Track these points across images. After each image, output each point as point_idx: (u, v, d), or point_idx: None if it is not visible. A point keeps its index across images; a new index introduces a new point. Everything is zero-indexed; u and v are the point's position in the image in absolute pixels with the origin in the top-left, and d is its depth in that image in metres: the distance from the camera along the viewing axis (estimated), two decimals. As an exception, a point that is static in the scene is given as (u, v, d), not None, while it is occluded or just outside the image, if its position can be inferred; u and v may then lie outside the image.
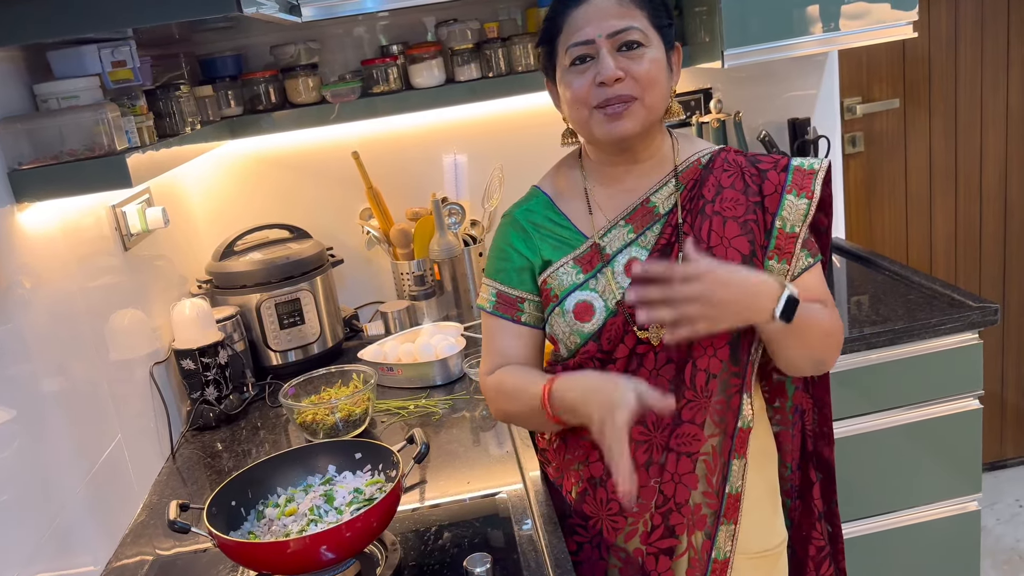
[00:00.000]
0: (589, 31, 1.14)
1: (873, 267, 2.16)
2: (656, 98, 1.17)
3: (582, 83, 1.16)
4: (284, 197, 2.24)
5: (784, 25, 1.93)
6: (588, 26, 1.14)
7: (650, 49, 1.15)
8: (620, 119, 1.15)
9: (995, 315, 1.78)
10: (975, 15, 2.59)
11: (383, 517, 1.11)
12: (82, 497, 1.28)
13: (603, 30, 1.14)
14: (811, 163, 1.22)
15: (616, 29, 1.13)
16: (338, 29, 2.17)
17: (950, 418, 1.86)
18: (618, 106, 1.14)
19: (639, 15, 1.15)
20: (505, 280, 1.28)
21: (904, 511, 1.92)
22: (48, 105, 1.31)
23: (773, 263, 1.20)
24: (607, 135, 1.17)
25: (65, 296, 1.35)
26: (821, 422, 1.37)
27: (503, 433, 1.57)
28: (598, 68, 1.14)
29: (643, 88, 1.15)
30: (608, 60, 1.13)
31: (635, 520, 1.23)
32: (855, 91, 2.60)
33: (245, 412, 1.82)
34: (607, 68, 1.13)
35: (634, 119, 1.16)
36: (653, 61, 1.15)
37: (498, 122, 2.26)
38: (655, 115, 1.19)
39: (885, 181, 2.69)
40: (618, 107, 1.15)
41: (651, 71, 1.14)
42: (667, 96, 1.20)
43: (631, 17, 1.14)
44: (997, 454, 2.98)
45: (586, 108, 1.17)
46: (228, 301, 1.95)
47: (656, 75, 1.15)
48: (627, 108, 1.15)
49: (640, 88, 1.14)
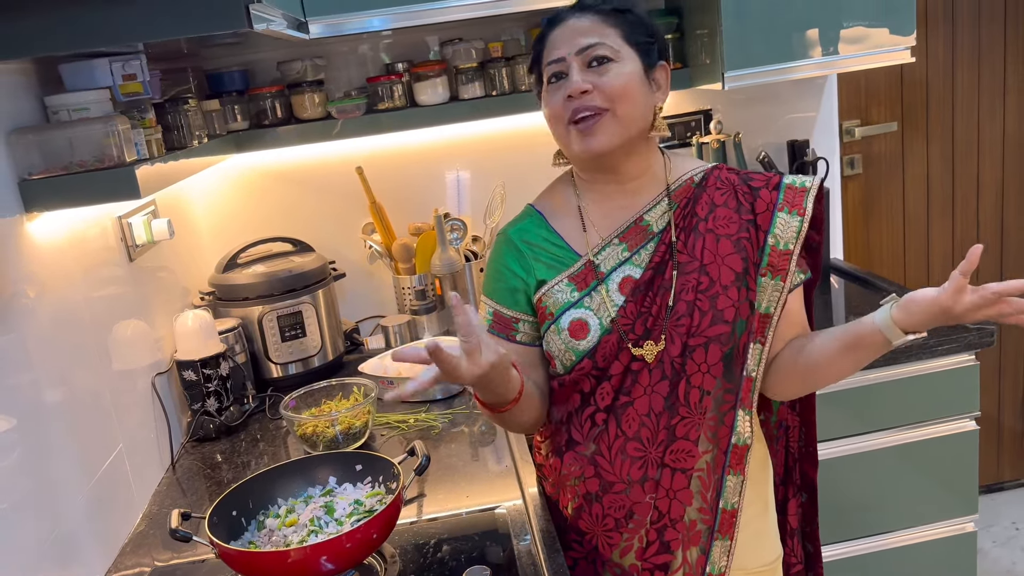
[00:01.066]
0: (561, 50, 1.18)
1: (871, 287, 2.18)
2: (629, 110, 1.18)
3: (556, 99, 1.19)
4: (288, 211, 2.26)
5: (784, 48, 1.96)
6: (561, 45, 1.19)
7: (619, 63, 1.17)
8: (592, 134, 1.17)
9: (992, 337, 1.80)
10: (972, 43, 2.63)
11: (383, 529, 1.12)
12: (83, 506, 1.28)
13: (572, 48, 1.18)
14: (802, 181, 1.24)
15: (584, 46, 1.17)
16: (344, 47, 2.20)
17: (947, 439, 1.87)
18: (589, 120, 1.17)
19: (610, 32, 1.18)
20: (500, 299, 1.30)
21: (900, 532, 1.92)
22: (59, 117, 1.33)
23: (766, 280, 1.22)
24: (583, 150, 1.19)
25: (70, 306, 1.36)
26: (807, 442, 1.39)
27: (502, 448, 1.58)
28: (568, 83, 1.17)
29: (612, 100, 1.16)
30: (575, 74, 1.17)
31: (630, 536, 1.24)
32: (854, 114, 2.63)
33: (245, 424, 1.82)
34: (572, 82, 1.17)
35: (606, 133, 1.17)
36: (622, 75, 1.17)
37: (501, 140, 2.28)
38: (630, 129, 1.19)
39: (883, 203, 2.71)
40: (589, 121, 1.17)
41: (617, 82, 1.16)
42: (645, 111, 1.21)
43: (601, 35, 1.18)
44: (994, 477, 2.99)
45: (563, 124, 1.20)
46: (230, 313, 1.96)
47: (626, 87, 1.17)
48: (597, 121, 1.17)
49: (609, 100, 1.16)
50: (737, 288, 1.21)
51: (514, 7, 1.84)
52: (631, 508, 1.23)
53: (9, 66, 1.28)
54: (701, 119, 2.35)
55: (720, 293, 1.20)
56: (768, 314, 1.23)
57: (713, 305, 1.20)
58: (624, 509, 1.23)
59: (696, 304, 1.20)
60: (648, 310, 1.21)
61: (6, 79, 1.28)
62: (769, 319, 1.23)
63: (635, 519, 1.23)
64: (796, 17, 1.94)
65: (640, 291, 1.22)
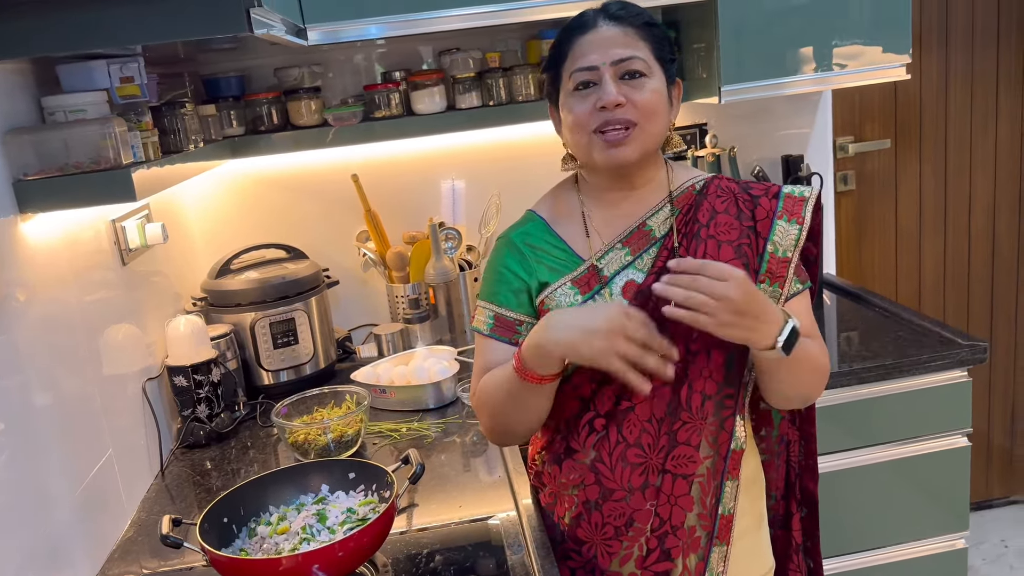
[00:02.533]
0: (594, 58, 1.17)
1: (863, 303, 2.18)
2: (655, 127, 1.19)
3: (584, 107, 1.18)
4: (282, 217, 2.25)
5: (780, 64, 1.97)
6: (593, 53, 1.17)
7: (651, 80, 1.18)
8: (620, 145, 1.18)
9: (984, 353, 1.80)
10: (966, 64, 2.65)
11: (376, 537, 1.11)
12: (72, 511, 1.27)
13: (607, 57, 1.17)
14: (801, 191, 1.25)
15: (620, 57, 1.17)
16: (341, 54, 2.20)
17: (938, 455, 1.87)
18: (619, 133, 1.17)
19: (643, 46, 1.18)
20: (504, 302, 1.28)
21: (891, 547, 1.92)
22: (55, 118, 1.32)
23: (765, 286, 1.22)
24: (607, 160, 1.19)
25: (62, 308, 1.35)
26: (807, 455, 1.39)
27: (495, 458, 1.57)
28: (600, 93, 1.17)
29: (643, 116, 1.17)
30: (610, 85, 1.16)
31: (630, 544, 1.23)
32: (848, 131, 2.65)
33: (236, 431, 1.81)
34: (609, 93, 1.16)
35: (633, 146, 1.18)
36: (654, 91, 1.18)
37: (497, 150, 2.29)
38: (654, 144, 1.21)
39: (876, 219, 2.73)
40: (619, 134, 1.17)
41: (651, 100, 1.17)
42: (666, 127, 1.23)
43: (635, 47, 1.17)
44: (984, 494, 2.99)
45: (586, 133, 1.19)
46: (222, 319, 1.95)
47: (656, 105, 1.18)
48: (627, 135, 1.17)
49: (640, 115, 1.17)
50: None
51: (511, 18, 1.84)
52: (631, 515, 1.22)
53: (6, 66, 1.27)
54: (697, 132, 2.36)
55: None
56: None
57: None
58: (624, 517, 1.23)
59: None
60: (650, 314, 1.20)
61: (2, 79, 1.27)
62: None
63: (635, 527, 1.23)
64: (792, 34, 1.96)
65: (643, 295, 1.21)
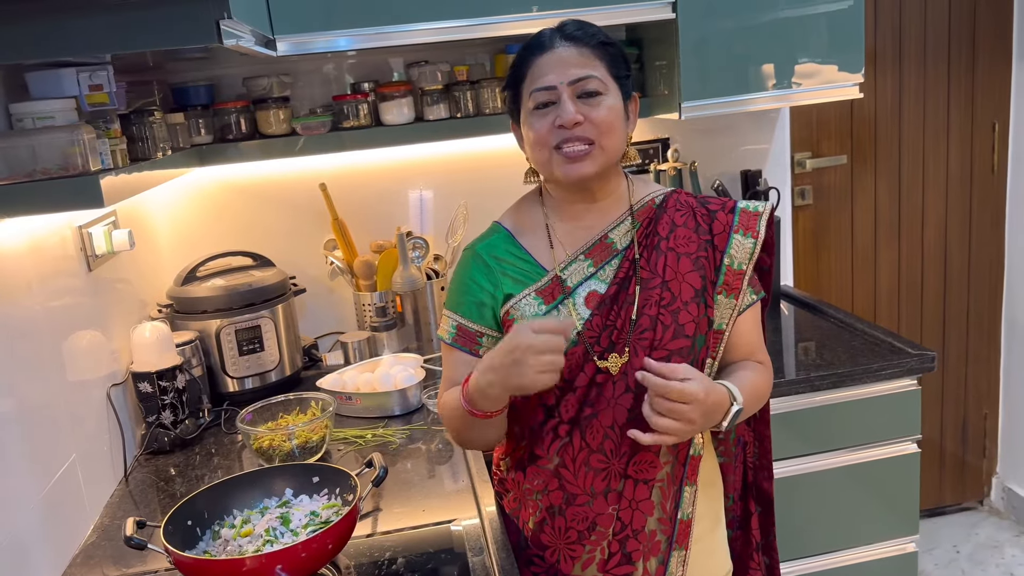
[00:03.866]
0: (551, 78, 1.21)
1: (819, 314, 2.25)
2: (612, 143, 1.23)
3: (543, 125, 1.22)
4: (249, 225, 2.27)
5: (740, 81, 2.04)
6: (551, 73, 1.21)
7: (607, 97, 1.22)
8: (579, 161, 1.22)
9: (932, 362, 1.87)
10: (918, 83, 2.75)
11: (339, 539, 1.13)
12: (34, 515, 1.27)
13: (565, 77, 1.20)
14: (755, 206, 1.30)
15: (577, 77, 1.20)
16: (310, 65, 2.22)
17: (889, 461, 1.94)
18: (578, 148, 1.21)
19: (598, 65, 1.22)
20: (465, 313, 1.32)
21: (844, 551, 1.98)
22: (23, 124, 1.33)
23: (721, 297, 1.28)
24: (567, 175, 1.23)
25: (26, 314, 1.35)
26: (761, 455, 1.44)
27: (459, 465, 1.60)
28: (559, 112, 1.20)
29: (600, 133, 1.21)
30: (568, 105, 1.20)
31: (593, 548, 1.27)
32: (805, 147, 2.72)
33: (200, 438, 1.81)
34: (567, 112, 1.20)
35: (592, 161, 1.22)
36: (610, 108, 1.22)
37: (464, 161, 2.32)
38: (612, 159, 1.25)
39: (832, 233, 2.81)
40: (578, 150, 1.21)
41: (607, 117, 1.21)
42: (623, 141, 1.27)
43: (591, 67, 1.21)
44: (936, 500, 3.07)
45: (547, 149, 1.23)
46: (188, 326, 1.95)
47: (613, 121, 1.22)
48: (586, 151, 1.21)
49: (598, 132, 1.21)
50: (697, 304, 1.26)
51: (479, 33, 1.89)
52: (594, 520, 1.26)
53: (-26, 72, 1.28)
54: (659, 147, 2.42)
55: (681, 308, 1.25)
56: (720, 330, 1.29)
57: (675, 319, 1.24)
58: (587, 521, 1.26)
59: (659, 318, 1.24)
60: (613, 323, 1.25)
61: (-30, 85, 1.28)
62: (721, 335, 1.29)
63: (598, 531, 1.26)
64: (751, 52, 2.02)
65: (605, 305, 1.26)
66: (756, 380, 1.29)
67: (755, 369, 1.31)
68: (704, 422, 1.17)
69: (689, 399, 1.12)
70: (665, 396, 1.12)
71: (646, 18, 1.96)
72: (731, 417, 1.20)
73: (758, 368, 1.32)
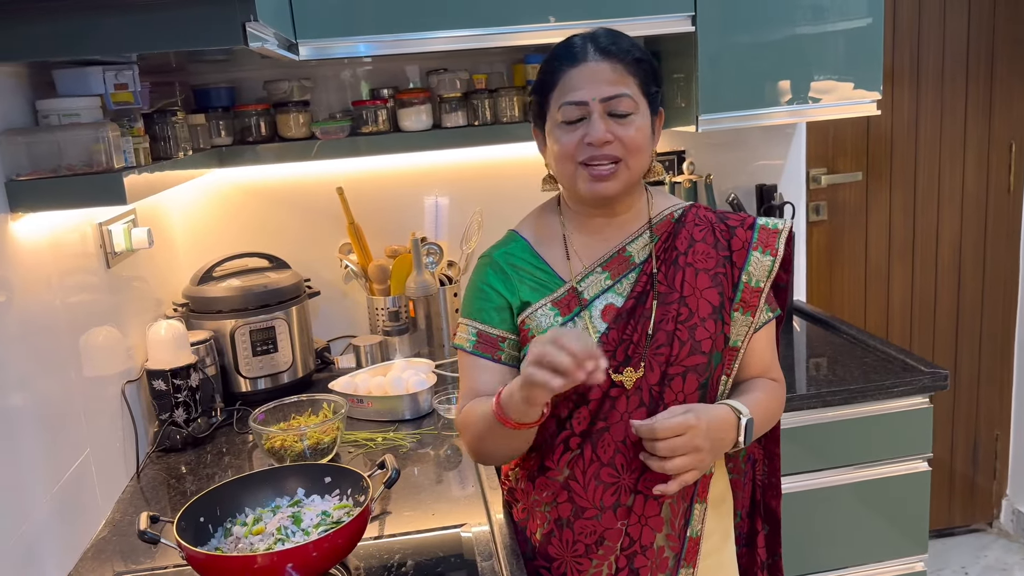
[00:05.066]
0: (583, 93, 1.19)
1: (832, 330, 2.25)
2: (640, 162, 1.23)
3: (571, 140, 1.20)
4: (266, 227, 2.28)
5: (757, 96, 2.04)
6: (583, 88, 1.19)
7: (638, 116, 1.21)
8: (605, 180, 1.21)
9: (945, 381, 1.86)
10: (935, 101, 2.75)
11: (350, 539, 1.14)
12: (48, 508, 1.28)
13: (597, 94, 1.18)
14: (775, 223, 1.30)
15: (609, 95, 1.18)
16: (329, 71, 2.24)
17: (899, 479, 1.93)
18: (605, 168, 1.20)
19: (631, 82, 1.20)
20: (486, 319, 1.30)
21: (852, 568, 1.97)
22: (49, 121, 1.35)
23: (738, 315, 1.27)
24: (590, 193, 1.22)
25: (45, 309, 1.37)
26: (770, 473, 1.43)
27: (468, 471, 1.60)
28: (588, 129, 1.19)
29: (628, 152, 1.20)
30: (599, 123, 1.18)
31: (600, 562, 1.26)
32: (821, 162, 2.73)
33: (212, 436, 1.82)
34: (597, 131, 1.18)
35: (618, 181, 1.21)
36: (640, 128, 1.21)
37: (480, 168, 2.33)
38: (636, 178, 1.25)
39: (846, 249, 2.80)
40: (604, 169, 1.20)
41: (637, 138, 1.20)
42: (650, 160, 1.26)
43: (624, 84, 1.19)
44: (945, 521, 3.05)
45: (572, 163, 1.22)
46: (203, 325, 1.97)
47: (641, 142, 1.21)
48: (613, 171, 1.20)
49: (626, 151, 1.20)
50: (714, 320, 1.25)
51: (498, 42, 1.90)
52: (602, 534, 1.25)
53: (2, 68, 1.30)
54: (675, 159, 2.43)
55: (698, 324, 1.24)
56: (736, 347, 1.28)
57: (692, 335, 1.24)
58: (595, 535, 1.25)
59: (676, 334, 1.24)
60: (629, 338, 1.24)
61: (-2, 81, 1.30)
62: (736, 352, 1.29)
63: (606, 545, 1.25)
64: (769, 67, 2.03)
65: (622, 319, 1.25)
66: (765, 399, 1.29)
67: (765, 388, 1.31)
68: (714, 445, 1.17)
69: (681, 430, 1.13)
70: (656, 438, 1.13)
71: (666, 31, 1.96)
72: (744, 431, 1.20)
73: (769, 386, 1.32)
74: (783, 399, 1.35)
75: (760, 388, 1.30)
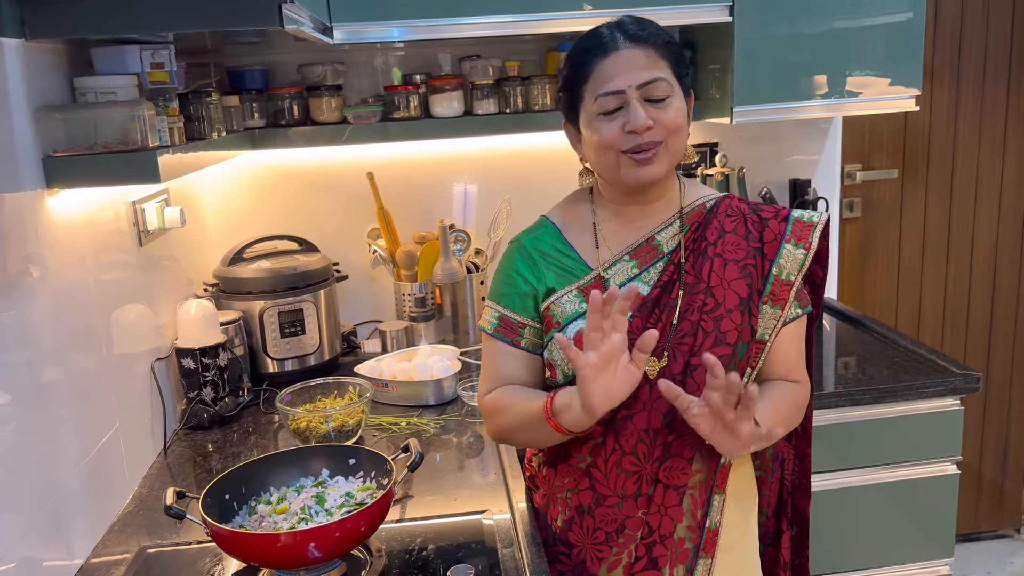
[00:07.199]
0: (619, 81, 1.18)
1: (863, 328, 2.21)
2: (680, 143, 1.22)
3: (611, 129, 1.20)
4: (296, 210, 2.30)
5: (792, 89, 2.01)
6: (618, 77, 1.18)
7: (675, 98, 1.20)
8: (648, 164, 1.20)
9: (977, 383, 1.83)
10: (975, 99, 2.69)
11: (372, 521, 1.14)
12: (76, 482, 1.30)
13: (633, 81, 1.18)
14: (811, 215, 1.28)
15: (645, 80, 1.18)
16: (362, 55, 2.24)
17: (928, 480, 1.90)
18: (647, 152, 1.19)
19: (664, 65, 1.20)
20: (509, 304, 1.32)
21: (876, 570, 1.95)
22: (86, 98, 1.36)
23: (767, 307, 1.26)
24: (635, 178, 1.22)
25: (78, 286, 1.38)
26: (801, 474, 1.41)
27: (490, 458, 1.60)
28: (628, 117, 1.18)
29: (669, 134, 1.20)
30: (639, 110, 1.17)
31: (620, 551, 1.26)
32: (856, 158, 2.68)
33: (238, 416, 1.84)
34: (638, 117, 1.17)
35: (660, 164, 1.21)
36: (678, 110, 1.20)
37: (510, 157, 2.33)
38: (676, 159, 1.24)
39: (879, 247, 2.76)
40: (647, 153, 1.19)
41: (677, 118, 1.20)
42: (687, 141, 1.25)
43: (657, 68, 1.19)
44: (972, 526, 3.01)
45: (614, 152, 1.21)
46: (232, 306, 1.99)
47: (681, 122, 1.21)
48: (654, 154, 1.20)
49: (667, 134, 1.19)
50: (741, 312, 1.24)
51: (531, 29, 1.89)
52: (623, 522, 1.25)
53: (41, 45, 1.31)
54: (708, 151, 2.40)
55: (724, 316, 1.23)
56: (763, 341, 1.27)
57: (717, 327, 1.23)
58: (616, 523, 1.25)
59: (700, 324, 1.23)
60: (654, 327, 1.23)
61: (37, 58, 1.31)
62: (763, 346, 1.27)
63: (626, 533, 1.25)
64: (806, 60, 2.00)
65: (647, 308, 1.25)
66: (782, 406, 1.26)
67: (783, 393, 1.27)
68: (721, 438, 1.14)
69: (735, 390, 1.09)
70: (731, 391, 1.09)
71: (702, 20, 1.94)
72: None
73: (787, 390, 1.29)
74: (803, 403, 1.32)
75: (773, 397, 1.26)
